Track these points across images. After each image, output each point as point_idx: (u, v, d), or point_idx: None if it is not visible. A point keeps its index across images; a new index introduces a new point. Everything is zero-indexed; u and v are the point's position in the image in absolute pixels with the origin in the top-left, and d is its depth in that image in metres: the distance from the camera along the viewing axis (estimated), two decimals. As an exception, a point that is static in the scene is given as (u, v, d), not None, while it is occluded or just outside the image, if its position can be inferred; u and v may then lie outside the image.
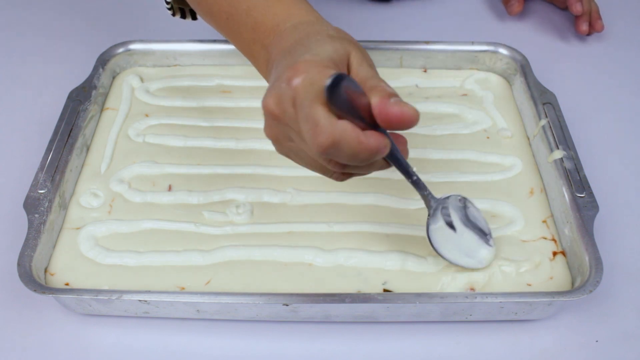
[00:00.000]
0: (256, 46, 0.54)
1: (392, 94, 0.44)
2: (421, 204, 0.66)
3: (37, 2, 0.97)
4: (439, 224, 0.59)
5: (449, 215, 0.59)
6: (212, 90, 0.79)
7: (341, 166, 0.47)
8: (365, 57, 0.49)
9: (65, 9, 0.96)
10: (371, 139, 0.43)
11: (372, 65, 0.49)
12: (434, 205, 0.58)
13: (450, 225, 0.59)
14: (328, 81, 0.41)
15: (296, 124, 0.44)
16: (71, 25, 0.93)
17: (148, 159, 0.70)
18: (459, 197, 0.60)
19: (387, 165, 0.50)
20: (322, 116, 0.42)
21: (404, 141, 0.50)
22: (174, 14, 0.72)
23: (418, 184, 0.56)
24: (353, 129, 0.42)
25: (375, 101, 0.44)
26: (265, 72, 0.55)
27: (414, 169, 0.55)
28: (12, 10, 0.96)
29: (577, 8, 0.88)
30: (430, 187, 0.68)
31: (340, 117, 0.43)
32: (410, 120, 0.43)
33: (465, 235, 0.59)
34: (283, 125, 0.46)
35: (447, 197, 0.59)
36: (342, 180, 0.51)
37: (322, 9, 0.96)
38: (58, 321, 0.60)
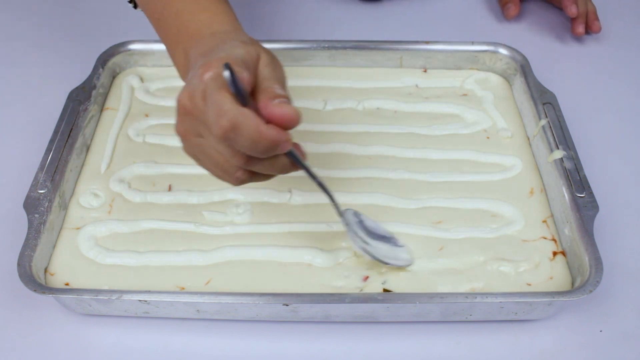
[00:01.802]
0: (178, 49, 0.57)
1: (279, 96, 0.47)
2: (421, 203, 0.67)
3: (37, 3, 0.97)
4: (354, 238, 0.60)
5: (355, 233, 0.60)
6: (212, 90, 0.79)
7: (244, 159, 0.48)
8: (274, 62, 0.51)
9: (65, 9, 0.96)
10: (272, 130, 0.45)
11: (277, 69, 0.51)
12: (343, 214, 0.60)
13: (362, 239, 0.60)
14: (225, 68, 0.44)
15: (205, 115, 0.46)
16: (71, 25, 0.93)
17: (148, 159, 0.70)
18: (352, 211, 0.61)
19: (291, 167, 0.51)
20: (227, 101, 0.45)
21: (298, 146, 0.52)
22: (135, 7, 0.72)
23: (323, 187, 0.57)
24: (255, 117, 0.45)
25: (261, 100, 0.46)
26: (184, 75, 0.57)
27: (317, 174, 0.55)
28: (11, 11, 0.96)
29: (572, 10, 0.88)
30: (430, 187, 0.68)
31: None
32: (290, 120, 0.46)
33: (379, 246, 0.61)
34: (193, 120, 0.48)
35: (345, 211, 0.60)
36: (241, 181, 0.51)
37: (320, 10, 0.96)
38: (58, 321, 0.60)
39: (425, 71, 0.82)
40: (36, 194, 0.63)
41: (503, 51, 0.80)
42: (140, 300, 0.56)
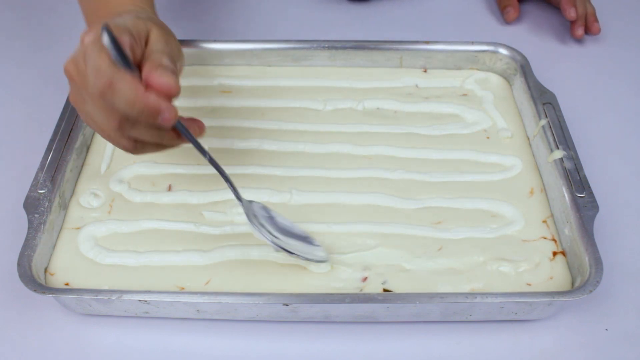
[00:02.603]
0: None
1: (163, 66, 0.47)
2: (421, 203, 0.67)
3: (37, 2, 0.97)
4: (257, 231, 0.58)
5: (262, 226, 0.58)
6: (213, 90, 0.79)
7: (117, 123, 0.48)
8: (166, 37, 0.52)
9: (65, 8, 0.96)
10: (150, 95, 0.46)
11: (169, 44, 0.51)
12: (243, 200, 0.59)
13: (272, 234, 0.59)
14: (103, 31, 0.45)
15: (86, 79, 0.47)
16: (71, 25, 0.93)
17: (148, 159, 0.70)
18: (261, 206, 0.60)
19: (179, 139, 0.52)
20: (105, 63, 0.46)
21: (200, 125, 0.54)
22: None
23: (215, 165, 0.57)
24: (133, 79, 0.46)
25: (145, 69, 0.47)
26: None
27: (207, 148, 0.55)
28: (12, 10, 0.96)
29: (570, 14, 0.88)
30: (430, 187, 0.68)
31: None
32: (168, 88, 0.46)
33: (290, 242, 0.59)
34: (77, 86, 0.49)
35: (250, 203, 0.59)
36: (133, 149, 0.52)
37: (320, 10, 0.96)
38: (58, 321, 0.60)
39: (425, 71, 0.82)
40: (36, 194, 0.63)
41: (503, 51, 0.80)
42: (140, 300, 0.56)
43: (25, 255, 0.58)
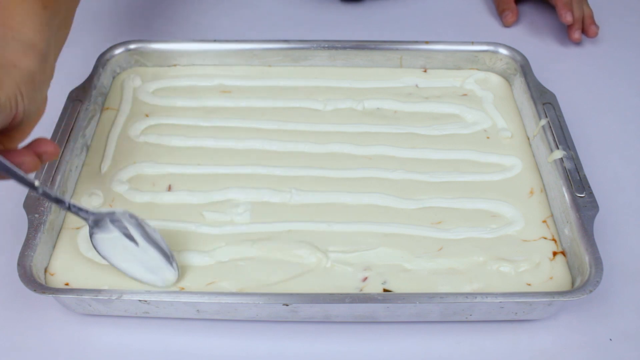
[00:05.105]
0: None
1: None
2: (421, 203, 0.67)
3: (37, 2, 0.97)
4: (114, 234, 0.58)
5: (125, 228, 0.58)
6: (212, 90, 0.79)
7: None
8: None
9: (65, 9, 0.96)
10: None
11: None
12: (90, 216, 0.57)
13: (130, 238, 0.58)
14: None
15: None
16: (72, 27, 0.93)
17: (148, 159, 0.70)
18: (130, 214, 0.58)
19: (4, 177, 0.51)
20: None
21: (46, 151, 0.53)
22: None
23: (49, 196, 0.55)
24: None
25: None
26: None
27: (37, 182, 0.53)
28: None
29: (567, 18, 0.88)
30: (430, 187, 0.68)
31: None
32: None
33: (149, 252, 0.58)
34: None
35: (113, 212, 0.58)
36: None
37: (319, 10, 0.96)
38: (58, 321, 0.60)
39: (425, 71, 0.82)
40: (36, 194, 0.62)
41: (503, 51, 0.80)
42: (140, 300, 0.56)
43: (25, 255, 0.58)
